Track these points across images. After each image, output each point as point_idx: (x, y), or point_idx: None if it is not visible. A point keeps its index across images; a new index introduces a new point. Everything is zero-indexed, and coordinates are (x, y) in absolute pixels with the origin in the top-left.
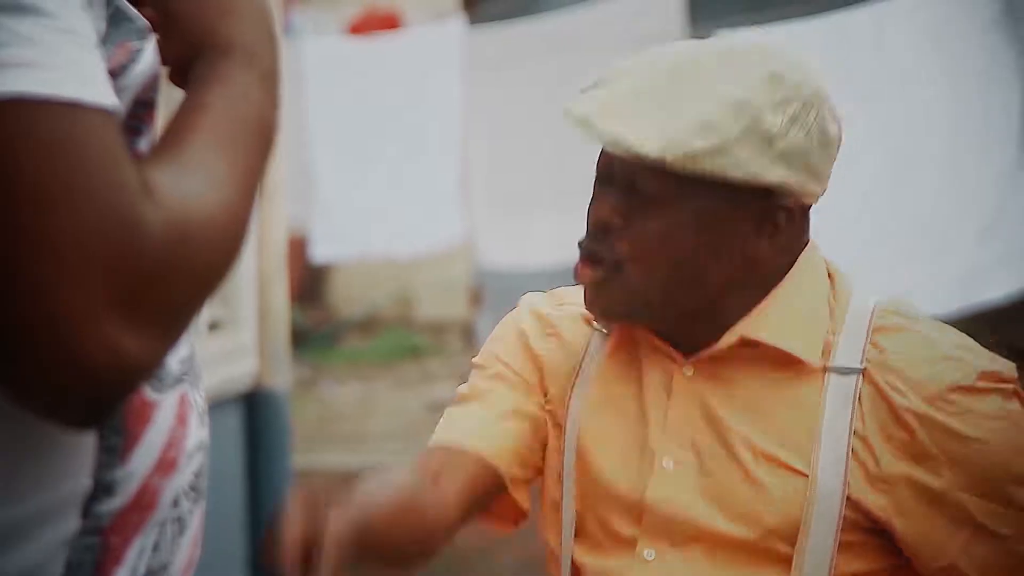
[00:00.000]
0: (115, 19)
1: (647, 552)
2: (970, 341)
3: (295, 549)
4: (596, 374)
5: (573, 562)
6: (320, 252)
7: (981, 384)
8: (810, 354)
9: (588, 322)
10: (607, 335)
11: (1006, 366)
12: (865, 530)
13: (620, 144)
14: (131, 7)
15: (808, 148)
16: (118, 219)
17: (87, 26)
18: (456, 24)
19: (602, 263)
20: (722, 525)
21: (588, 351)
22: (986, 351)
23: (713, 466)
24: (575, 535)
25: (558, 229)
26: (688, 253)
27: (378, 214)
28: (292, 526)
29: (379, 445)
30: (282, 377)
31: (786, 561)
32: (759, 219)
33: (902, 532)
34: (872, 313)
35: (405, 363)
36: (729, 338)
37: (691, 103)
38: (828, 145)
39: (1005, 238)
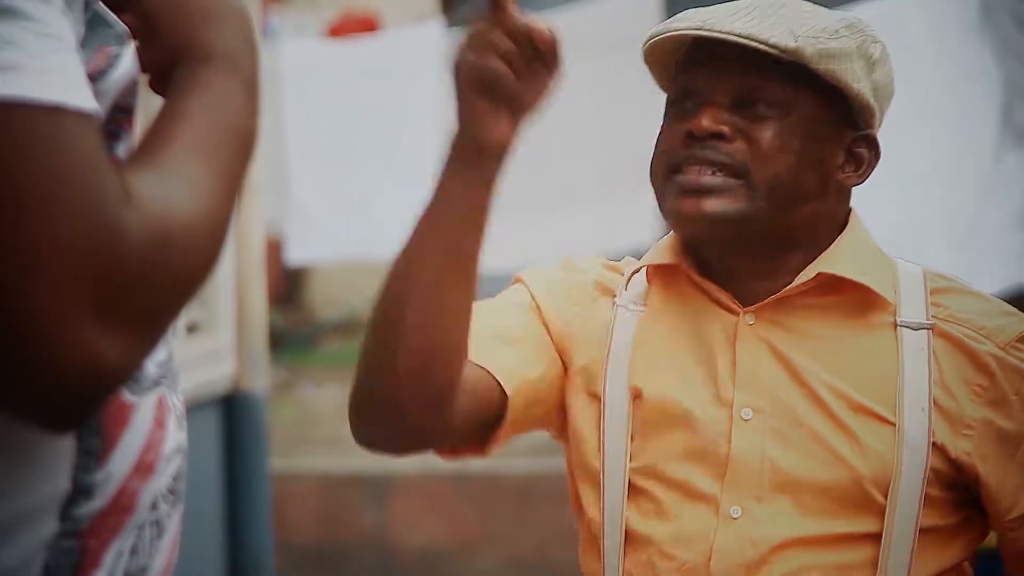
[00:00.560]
0: (93, 23)
1: (733, 510)
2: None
3: None
4: (639, 339)
5: (628, 533)
6: (296, 254)
7: None
8: (887, 293)
9: (607, 292)
10: (635, 309)
11: None
12: (946, 484)
13: (757, 38)
14: (110, 12)
15: (886, 89)
16: (98, 224)
17: (68, 30)
18: (435, 27)
19: (722, 168)
20: (814, 472)
21: (616, 321)
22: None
23: (797, 412)
24: (631, 506)
25: (534, 232)
26: (799, 162)
27: (355, 216)
28: None
29: (357, 448)
30: (260, 380)
31: (876, 511)
32: (848, 149)
33: (984, 478)
34: (924, 275)
35: None
36: (806, 275)
37: (805, 17)
38: (892, 96)
39: (981, 242)
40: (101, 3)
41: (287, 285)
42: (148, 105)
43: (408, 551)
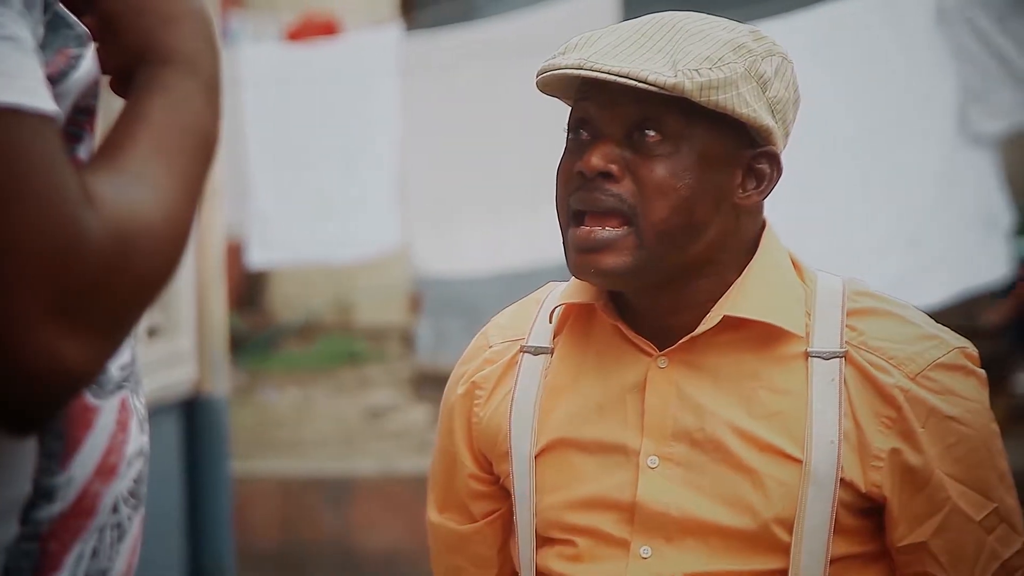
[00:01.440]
0: (54, 25)
1: (643, 549)
2: (931, 320)
3: None
4: (546, 384)
5: (553, 575)
6: (256, 258)
7: (959, 362)
8: (796, 327)
9: (514, 344)
10: (540, 353)
11: (968, 343)
12: (859, 513)
13: (635, 76)
14: (70, 13)
15: (787, 102)
16: (58, 226)
17: (26, 32)
18: (393, 30)
19: (613, 217)
20: (719, 517)
21: (520, 373)
22: (947, 328)
23: (702, 457)
24: (549, 550)
25: (495, 234)
26: (692, 196)
27: (315, 220)
28: None
29: (317, 451)
30: (220, 383)
31: (784, 548)
32: (747, 167)
33: (889, 505)
34: (843, 295)
35: (344, 369)
36: (712, 318)
37: (691, 45)
38: (797, 104)
39: (934, 243)
40: (61, 4)
41: (247, 289)
42: (110, 107)
43: (368, 553)
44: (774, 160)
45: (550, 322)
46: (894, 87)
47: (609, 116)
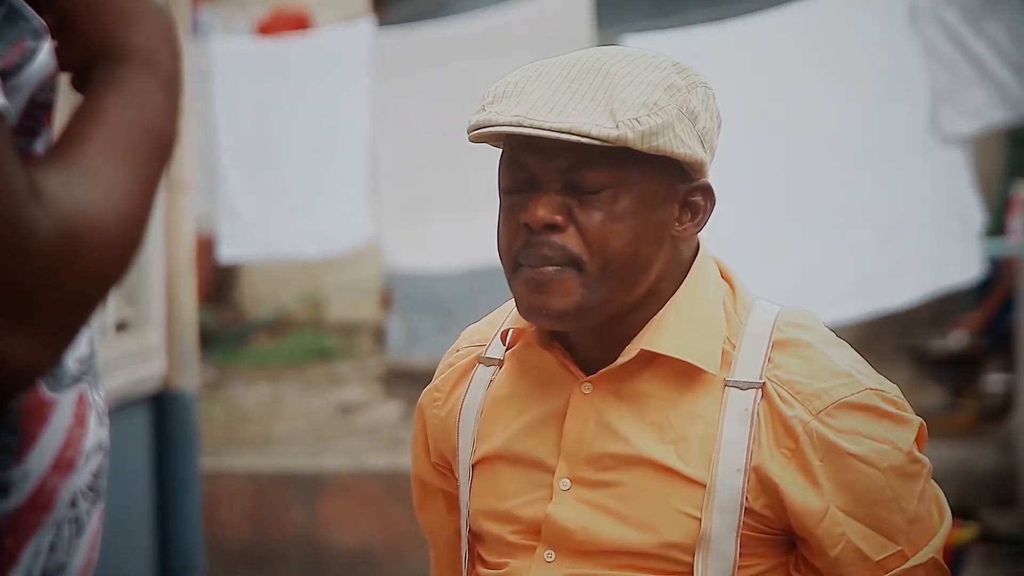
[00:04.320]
0: (9, 17)
1: (547, 554)
2: (861, 361)
3: None
4: (488, 401)
5: None
6: (227, 253)
7: (869, 402)
8: (708, 364)
9: (478, 347)
10: (491, 364)
11: (892, 388)
12: (766, 534)
13: (579, 132)
14: (27, 6)
15: (712, 130)
16: (3, 222)
17: None
18: (365, 25)
19: (560, 263)
20: (622, 537)
21: (472, 381)
22: (874, 372)
23: (612, 481)
24: (477, 552)
25: (466, 231)
26: (635, 237)
27: (286, 215)
28: None
29: (287, 447)
30: (190, 378)
31: (687, 570)
32: (683, 201)
33: (796, 532)
34: (773, 325)
35: (314, 365)
36: (629, 352)
37: (624, 91)
38: (720, 128)
39: (908, 243)
40: None
41: (217, 283)
42: (71, 102)
43: (338, 550)
44: (707, 193)
45: (503, 342)
46: (867, 85)
47: (548, 167)
